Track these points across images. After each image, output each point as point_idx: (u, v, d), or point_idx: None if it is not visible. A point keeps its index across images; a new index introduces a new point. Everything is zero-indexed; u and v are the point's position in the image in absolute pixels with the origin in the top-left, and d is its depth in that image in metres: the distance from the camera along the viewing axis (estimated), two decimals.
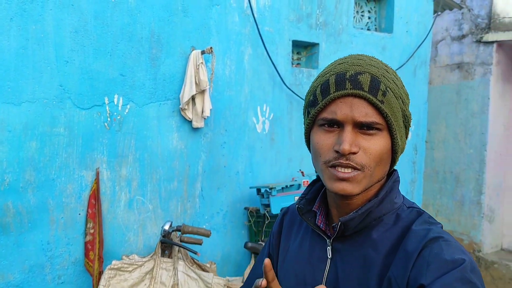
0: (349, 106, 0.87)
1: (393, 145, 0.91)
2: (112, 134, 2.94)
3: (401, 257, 0.86)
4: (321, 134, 0.91)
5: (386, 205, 0.93)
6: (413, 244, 0.85)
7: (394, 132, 0.89)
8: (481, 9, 5.69)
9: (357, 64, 0.90)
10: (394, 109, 0.89)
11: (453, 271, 0.78)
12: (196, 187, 3.32)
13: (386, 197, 0.93)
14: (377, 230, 0.92)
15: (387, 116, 0.88)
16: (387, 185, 0.94)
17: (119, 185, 2.99)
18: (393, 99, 0.88)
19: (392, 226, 0.92)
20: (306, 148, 3.61)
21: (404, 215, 0.93)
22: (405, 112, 0.92)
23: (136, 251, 3.05)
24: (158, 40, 3.08)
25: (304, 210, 1.02)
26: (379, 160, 0.89)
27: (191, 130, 3.26)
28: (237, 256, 3.57)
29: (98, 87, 2.86)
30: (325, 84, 0.90)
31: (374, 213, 0.92)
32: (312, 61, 4.01)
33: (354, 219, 0.91)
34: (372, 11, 4.53)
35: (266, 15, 3.59)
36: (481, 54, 5.67)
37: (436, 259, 0.80)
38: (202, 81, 3.09)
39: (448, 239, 0.85)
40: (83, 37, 2.79)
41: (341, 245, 0.95)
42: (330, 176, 0.89)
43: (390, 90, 0.88)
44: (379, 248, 0.90)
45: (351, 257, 0.93)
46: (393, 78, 0.92)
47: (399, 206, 0.95)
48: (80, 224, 2.85)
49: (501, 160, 5.87)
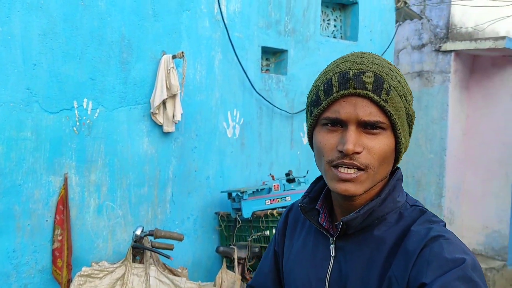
0: (352, 106, 0.86)
1: (397, 144, 0.90)
2: (81, 138, 2.88)
3: (402, 256, 0.86)
4: (324, 134, 0.90)
5: (389, 204, 0.92)
6: (414, 243, 0.85)
7: (398, 131, 0.88)
8: (439, 19, 5.94)
9: (360, 62, 0.88)
10: (398, 108, 0.88)
11: (454, 270, 0.78)
12: (167, 192, 3.30)
13: (389, 196, 0.93)
14: (380, 229, 0.92)
15: (391, 115, 0.87)
16: (390, 183, 0.94)
17: (88, 190, 2.93)
18: (397, 97, 0.88)
19: (395, 225, 0.91)
20: (275, 153, 3.67)
21: (406, 214, 0.92)
22: (408, 111, 0.91)
23: (106, 258, 3.00)
24: (129, 44, 3.06)
25: (307, 208, 1.01)
26: (383, 159, 0.88)
27: (162, 134, 3.24)
28: (207, 261, 3.56)
29: (67, 91, 2.81)
30: (328, 83, 0.89)
31: (377, 212, 0.91)
32: (281, 67, 4.07)
33: (356, 218, 0.90)
34: (337, 20, 4.65)
35: (236, 21, 3.62)
36: (440, 63, 5.92)
37: (437, 258, 0.80)
38: (173, 85, 3.09)
39: (449, 238, 0.84)
40: (51, 40, 2.74)
41: (344, 243, 0.95)
42: (333, 177, 0.89)
43: (394, 88, 0.87)
44: (381, 247, 0.90)
45: (354, 255, 0.93)
46: (397, 76, 0.91)
47: (402, 205, 0.94)
48: (48, 231, 2.78)
49: (459, 164, 6.12)
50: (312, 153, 3.81)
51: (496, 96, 5.97)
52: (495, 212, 5.98)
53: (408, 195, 0.98)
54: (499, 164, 5.95)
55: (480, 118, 6.12)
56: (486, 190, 6.06)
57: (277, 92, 3.95)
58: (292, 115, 4.06)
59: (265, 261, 1.19)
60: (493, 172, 6.00)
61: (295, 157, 4.11)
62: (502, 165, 5.93)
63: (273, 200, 3.36)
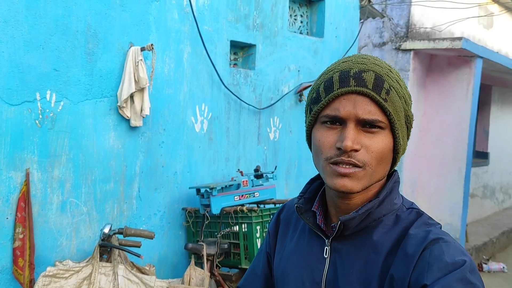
0: (352, 103, 0.87)
1: (395, 144, 0.91)
2: (44, 132, 2.75)
3: (401, 258, 0.86)
4: (323, 131, 0.90)
5: (386, 206, 0.93)
6: (414, 246, 0.86)
7: (396, 131, 0.89)
8: (400, 18, 6.10)
9: (361, 62, 0.90)
10: (397, 108, 0.88)
11: (454, 272, 0.80)
12: (133, 188, 3.21)
13: (387, 198, 0.93)
14: (377, 231, 0.92)
15: (390, 115, 0.87)
16: (388, 185, 0.94)
17: (51, 187, 2.81)
18: (396, 98, 0.88)
19: (392, 227, 0.92)
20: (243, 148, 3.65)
21: (404, 216, 0.93)
22: (407, 112, 0.92)
23: (69, 256, 2.89)
24: (95, 35, 2.93)
25: (303, 209, 1.00)
26: (381, 158, 0.89)
27: (129, 129, 3.15)
28: (174, 257, 3.51)
29: (29, 82, 2.67)
30: (329, 81, 0.90)
31: (374, 213, 0.92)
32: (249, 62, 4.05)
33: (355, 219, 0.90)
34: (304, 16, 4.68)
35: (206, 14, 3.56)
36: (400, 61, 6.08)
37: (437, 261, 0.82)
38: (142, 78, 3.00)
39: (448, 240, 0.86)
40: (13, 28, 2.58)
41: (340, 245, 0.95)
42: (331, 172, 0.88)
43: (393, 89, 0.88)
44: (379, 249, 0.90)
45: (350, 257, 0.93)
46: (397, 78, 0.92)
47: (399, 207, 0.94)
48: (8, 229, 2.64)
49: (416, 160, 6.34)
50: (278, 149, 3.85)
51: (451, 94, 6.22)
52: (448, 206, 6.25)
53: (404, 198, 0.99)
54: (452, 160, 6.22)
55: (436, 116, 6.36)
56: (440, 185, 6.32)
57: (245, 87, 3.93)
58: (259, 110, 4.05)
59: (257, 262, 1.16)
60: (447, 167, 6.26)
61: (262, 152, 4.11)
62: (455, 160, 6.20)
63: (242, 196, 3.34)
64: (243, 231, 3.15)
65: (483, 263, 6.62)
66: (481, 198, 8.44)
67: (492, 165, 8.70)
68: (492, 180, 8.84)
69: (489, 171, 8.65)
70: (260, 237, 3.09)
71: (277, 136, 4.26)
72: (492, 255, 7.08)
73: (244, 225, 3.16)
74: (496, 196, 9.12)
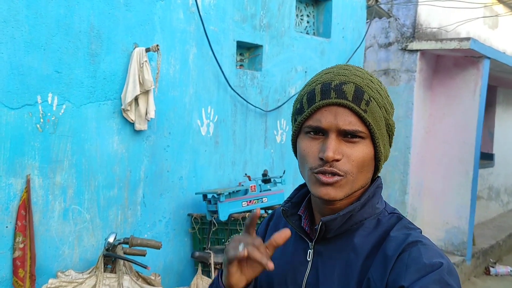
0: (333, 115, 0.90)
1: (376, 153, 0.94)
2: (45, 137, 2.64)
3: (380, 260, 0.89)
4: (307, 141, 0.94)
5: (368, 209, 0.95)
6: (393, 248, 0.88)
7: (376, 140, 0.92)
8: (406, 18, 5.99)
9: (343, 74, 0.93)
10: (377, 118, 0.92)
11: (431, 274, 0.82)
12: (138, 193, 3.10)
13: (368, 201, 0.96)
14: (358, 234, 0.94)
15: (370, 125, 0.91)
16: (370, 190, 0.97)
17: (53, 193, 2.69)
18: (376, 108, 0.92)
19: (373, 230, 0.94)
20: (249, 151, 3.54)
21: (384, 220, 0.96)
22: (388, 121, 0.95)
23: (72, 266, 2.77)
24: (98, 35, 2.82)
25: (289, 213, 1.03)
26: (362, 167, 0.92)
27: (133, 132, 3.04)
28: (179, 265, 3.40)
29: (30, 85, 2.55)
30: (311, 93, 0.93)
31: (356, 217, 0.94)
32: (256, 63, 3.94)
33: (336, 220, 0.93)
34: (310, 15, 4.57)
35: (211, 14, 3.45)
36: (406, 62, 5.98)
37: (415, 262, 0.84)
38: (147, 80, 2.89)
39: (427, 243, 0.88)
40: (13, 28, 2.47)
41: (323, 248, 0.97)
42: (315, 181, 0.92)
43: (373, 99, 0.91)
44: (359, 251, 0.92)
45: (332, 260, 0.95)
46: (377, 88, 0.94)
47: (381, 212, 0.97)
48: (8, 239, 2.52)
49: (422, 162, 6.24)
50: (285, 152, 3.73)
51: (457, 96, 6.11)
52: (455, 208, 6.14)
53: (387, 203, 1.02)
54: (459, 162, 6.11)
55: (442, 117, 6.25)
56: (446, 187, 6.21)
57: (252, 89, 3.82)
58: (266, 113, 3.94)
59: None
60: (453, 169, 6.15)
61: (268, 156, 4.00)
62: (462, 162, 6.09)
63: (250, 202, 3.23)
64: None
65: (490, 266, 6.52)
66: (486, 200, 8.34)
67: (497, 167, 8.61)
68: (497, 181, 8.75)
69: (494, 172, 8.55)
70: None
71: (284, 139, 4.15)
72: (499, 258, 6.98)
73: None
74: (501, 198, 9.02)
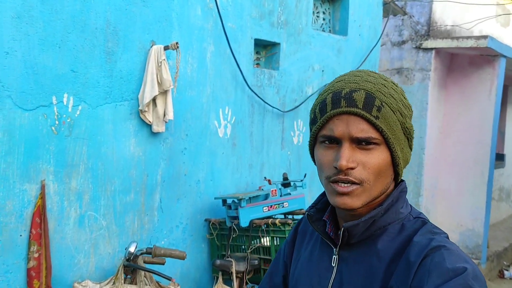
0: (345, 123, 0.90)
1: (393, 158, 0.92)
2: (61, 139, 2.50)
3: (403, 266, 0.87)
4: (322, 151, 0.94)
5: (391, 214, 0.94)
6: (415, 253, 0.86)
7: (392, 145, 0.91)
8: (421, 16, 5.86)
9: (353, 81, 0.92)
10: (391, 123, 0.90)
11: (455, 279, 0.79)
12: (155, 198, 2.97)
13: (392, 206, 0.94)
14: (382, 239, 0.93)
15: (383, 131, 0.89)
16: (393, 194, 0.95)
17: (68, 199, 2.55)
18: (390, 113, 0.90)
19: (397, 236, 0.93)
20: (266, 153, 3.40)
21: (409, 225, 0.94)
22: (405, 125, 0.93)
23: (88, 276, 2.64)
24: (115, 32, 2.68)
25: (314, 218, 1.03)
26: (378, 173, 0.91)
27: (150, 134, 2.90)
28: (197, 272, 3.26)
29: (45, 84, 2.41)
30: (323, 103, 0.94)
31: (379, 222, 0.93)
32: (273, 61, 3.80)
33: (358, 226, 0.92)
34: (326, 13, 4.43)
35: (229, 10, 3.31)
36: (420, 60, 5.84)
37: (438, 268, 0.82)
38: (166, 80, 2.76)
39: (451, 248, 0.86)
40: (27, 25, 2.33)
41: (348, 253, 0.97)
42: (332, 191, 0.92)
43: (386, 104, 0.90)
44: (382, 257, 0.91)
45: (356, 266, 0.95)
46: (391, 92, 0.92)
47: (405, 216, 0.96)
48: (22, 248, 2.39)
49: (436, 162, 6.11)
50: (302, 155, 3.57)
51: (472, 95, 5.98)
52: (470, 210, 6.02)
53: (412, 208, 0.99)
54: (474, 163, 5.98)
55: (457, 117, 6.12)
56: (461, 189, 6.09)
57: (269, 89, 3.68)
58: (283, 113, 3.81)
59: (275, 271, 1.19)
60: (468, 170, 6.03)
61: (285, 158, 3.87)
62: (477, 163, 5.97)
63: (271, 207, 3.10)
64: (275, 245, 2.90)
65: (504, 269, 6.41)
66: (497, 201, 8.21)
67: (507, 167, 8.49)
68: (508, 182, 8.63)
69: (505, 173, 8.43)
70: None
71: (300, 140, 4.01)
72: None
73: (276, 239, 2.91)
74: (511, 199, 8.90)
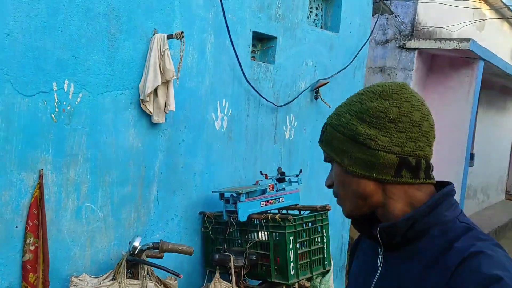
0: None
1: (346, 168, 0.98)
2: (60, 128, 2.39)
3: (440, 271, 0.87)
4: None
5: (433, 217, 0.93)
6: (453, 258, 0.86)
7: (335, 158, 0.98)
8: (405, 16, 5.95)
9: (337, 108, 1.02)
10: (330, 139, 0.99)
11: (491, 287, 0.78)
12: (152, 191, 2.89)
13: (433, 209, 0.93)
14: (423, 242, 0.93)
15: (325, 149, 1.01)
16: (433, 198, 0.94)
17: (66, 190, 2.45)
18: (330, 131, 0.99)
19: (438, 239, 0.92)
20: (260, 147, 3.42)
21: (452, 229, 0.92)
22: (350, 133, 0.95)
23: (83, 269, 2.55)
24: (117, 18, 2.58)
25: (358, 220, 1.05)
26: (342, 184, 0.99)
27: (149, 125, 2.82)
28: (189, 266, 3.21)
29: (46, 69, 2.30)
30: None
31: (420, 224, 0.93)
32: (268, 55, 3.77)
33: (395, 227, 0.94)
34: (319, 8, 4.42)
35: (231, 1, 3.25)
36: (403, 60, 5.95)
37: (473, 274, 0.81)
38: (169, 70, 2.68)
39: (491, 255, 0.84)
40: (29, 6, 2.21)
41: (391, 254, 0.98)
42: None
43: (329, 126, 1.00)
44: (422, 259, 0.91)
45: (397, 267, 0.96)
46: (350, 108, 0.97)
47: (450, 220, 0.94)
48: (17, 240, 2.28)
49: None
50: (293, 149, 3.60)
51: (451, 96, 6.14)
52: None
53: (462, 212, 0.97)
54: (449, 162, 6.16)
55: (435, 117, 6.22)
56: None
57: (265, 82, 3.65)
58: (277, 108, 3.79)
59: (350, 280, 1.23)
60: (443, 170, 6.18)
61: (277, 152, 3.86)
62: (452, 163, 6.14)
63: (268, 202, 3.09)
64: (274, 240, 2.89)
65: None
66: (465, 199, 8.49)
67: (476, 166, 8.79)
68: (475, 181, 8.94)
69: (474, 172, 8.72)
70: (293, 248, 2.84)
71: (292, 135, 4.01)
72: None
73: (274, 234, 2.90)
74: (477, 197, 9.24)
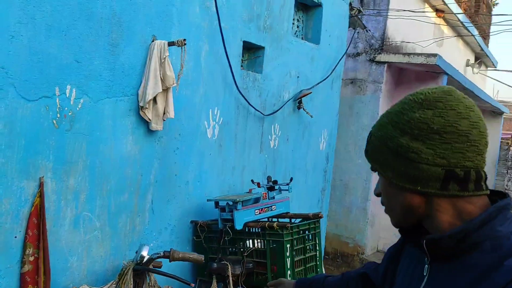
0: None
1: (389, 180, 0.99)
2: (61, 134, 2.32)
3: (488, 287, 0.84)
4: None
5: (485, 231, 0.90)
6: (502, 276, 0.83)
7: (379, 170, 0.99)
8: (375, 30, 6.18)
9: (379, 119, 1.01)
10: (376, 152, 0.99)
11: None
12: (147, 199, 2.85)
13: (486, 223, 0.90)
14: (472, 256, 0.90)
15: (371, 161, 1.01)
16: (487, 211, 0.91)
17: (65, 199, 2.38)
18: (374, 143, 0.99)
19: (489, 254, 0.89)
20: (247, 156, 3.50)
21: (505, 246, 0.89)
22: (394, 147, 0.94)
23: (79, 280, 2.47)
24: (119, 23, 2.55)
25: (406, 229, 1.04)
26: (387, 195, 1.00)
27: (146, 132, 2.78)
28: (181, 275, 3.16)
29: (49, 74, 2.23)
30: None
31: (471, 238, 0.90)
32: (256, 65, 3.81)
33: (442, 239, 0.91)
34: (300, 20, 4.53)
35: (224, 11, 3.28)
36: (374, 73, 6.16)
37: None
38: (169, 77, 2.67)
39: None
40: (34, 8, 2.14)
41: (438, 265, 0.96)
42: None
43: (373, 136, 1.00)
44: (470, 274, 0.88)
45: (444, 279, 0.93)
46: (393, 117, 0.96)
47: (504, 236, 0.90)
48: (16, 250, 2.18)
49: None
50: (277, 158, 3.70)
51: None
52: None
53: None
54: None
55: None
56: None
57: (253, 91, 3.69)
58: (264, 117, 3.83)
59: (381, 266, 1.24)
60: None
61: (263, 161, 3.89)
62: None
63: (262, 210, 3.11)
64: (270, 248, 2.91)
65: None
66: None
67: None
68: None
69: None
70: (290, 256, 2.87)
71: (276, 144, 4.06)
72: None
73: (271, 242, 2.92)
74: None
